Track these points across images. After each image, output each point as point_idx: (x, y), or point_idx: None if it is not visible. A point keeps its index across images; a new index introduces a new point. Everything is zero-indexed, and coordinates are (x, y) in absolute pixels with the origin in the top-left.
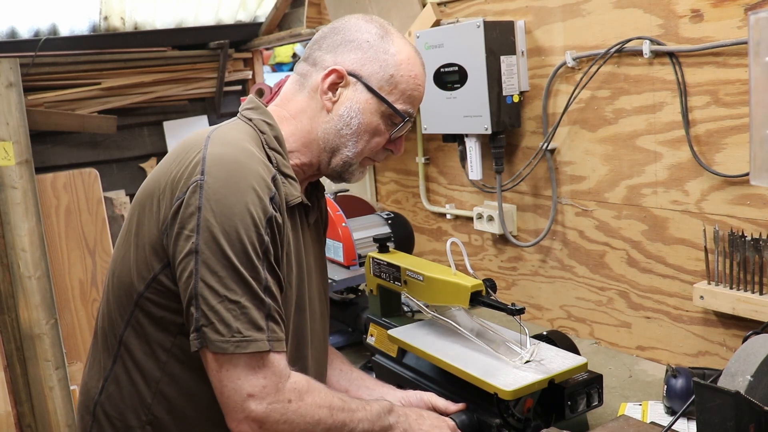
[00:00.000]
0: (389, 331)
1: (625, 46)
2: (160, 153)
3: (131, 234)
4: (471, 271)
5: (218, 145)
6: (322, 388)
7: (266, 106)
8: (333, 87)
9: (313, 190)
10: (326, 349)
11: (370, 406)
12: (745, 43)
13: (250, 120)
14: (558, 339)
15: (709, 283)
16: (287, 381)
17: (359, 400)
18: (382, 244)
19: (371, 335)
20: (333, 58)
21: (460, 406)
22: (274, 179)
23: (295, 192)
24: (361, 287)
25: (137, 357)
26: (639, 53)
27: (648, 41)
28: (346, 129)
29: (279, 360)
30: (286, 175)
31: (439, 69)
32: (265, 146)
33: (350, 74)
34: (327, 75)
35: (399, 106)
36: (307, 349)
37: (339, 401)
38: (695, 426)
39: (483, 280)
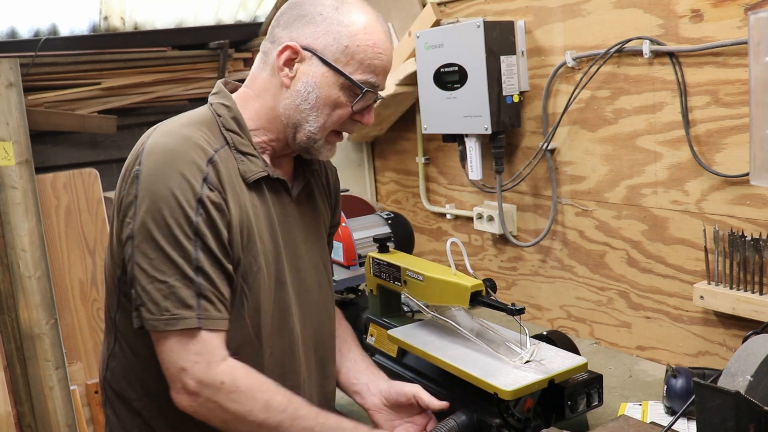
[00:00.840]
0: (389, 331)
1: (625, 46)
2: None
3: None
4: (471, 271)
5: (157, 136)
6: (266, 384)
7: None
8: (289, 63)
9: (302, 166)
10: (328, 319)
11: (326, 420)
12: (745, 43)
13: (211, 105)
14: (558, 339)
15: (709, 283)
16: (221, 362)
17: (318, 411)
18: (382, 244)
19: (371, 335)
20: (288, 34)
21: (443, 404)
22: (211, 160)
23: (255, 168)
24: (361, 287)
25: (127, 335)
26: (639, 53)
27: (648, 41)
28: (304, 104)
29: (212, 338)
30: (245, 153)
31: (439, 69)
32: (222, 128)
33: (305, 49)
34: (281, 52)
35: (357, 77)
36: (293, 321)
37: (283, 402)
38: (695, 426)
39: (483, 280)
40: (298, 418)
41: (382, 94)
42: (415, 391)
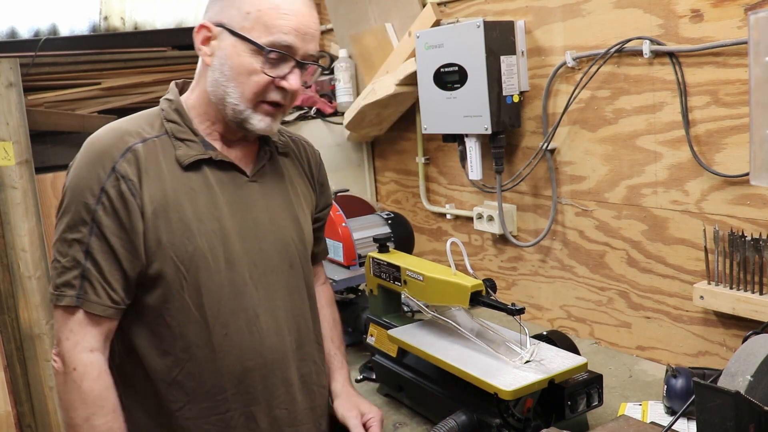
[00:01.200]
0: (389, 331)
1: (625, 46)
2: None
3: None
4: (471, 271)
5: (94, 133)
6: (103, 400)
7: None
8: (206, 42)
9: (264, 147)
10: (301, 300)
11: None
12: (745, 43)
13: (160, 101)
14: (558, 339)
15: (709, 283)
16: (86, 351)
17: None
18: (382, 244)
19: (371, 335)
20: (205, 16)
21: None
22: (131, 149)
23: (191, 152)
24: (361, 287)
25: None
26: (639, 53)
27: (648, 41)
28: (222, 77)
29: (89, 323)
30: (182, 140)
31: (439, 69)
32: (163, 120)
33: (216, 25)
34: (197, 33)
35: (264, 40)
36: (250, 302)
37: (100, 426)
38: (695, 426)
39: (483, 280)
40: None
41: (383, 93)
42: (345, 418)
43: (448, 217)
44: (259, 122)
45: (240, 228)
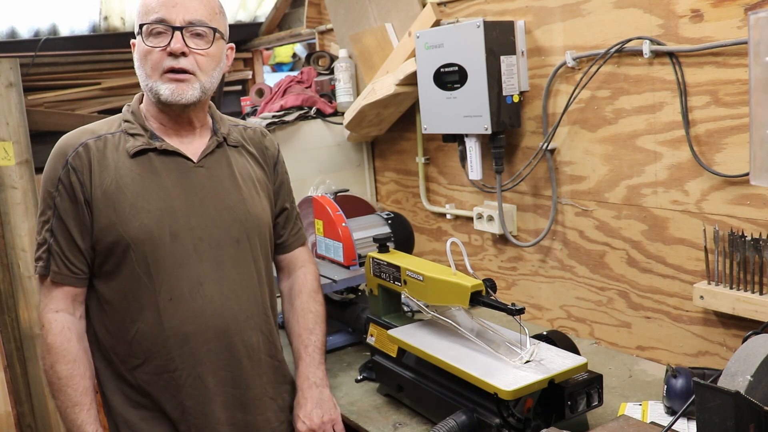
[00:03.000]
0: (389, 331)
1: (625, 46)
2: None
3: None
4: (471, 271)
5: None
6: (64, 350)
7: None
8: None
9: (214, 136)
10: (249, 274)
11: (78, 413)
12: (745, 43)
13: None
14: (558, 339)
15: (709, 283)
16: (51, 312)
17: (85, 404)
18: (382, 244)
19: (371, 335)
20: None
21: None
22: (84, 144)
23: (136, 143)
24: (361, 287)
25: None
26: (639, 53)
27: (648, 41)
28: (138, 70)
29: (55, 289)
30: (132, 134)
31: (439, 69)
32: (122, 121)
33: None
34: (132, 49)
35: (141, 21)
36: (193, 271)
37: (63, 371)
38: (695, 426)
39: (483, 280)
40: (63, 392)
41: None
42: (295, 421)
43: (448, 217)
44: (165, 90)
45: (186, 207)
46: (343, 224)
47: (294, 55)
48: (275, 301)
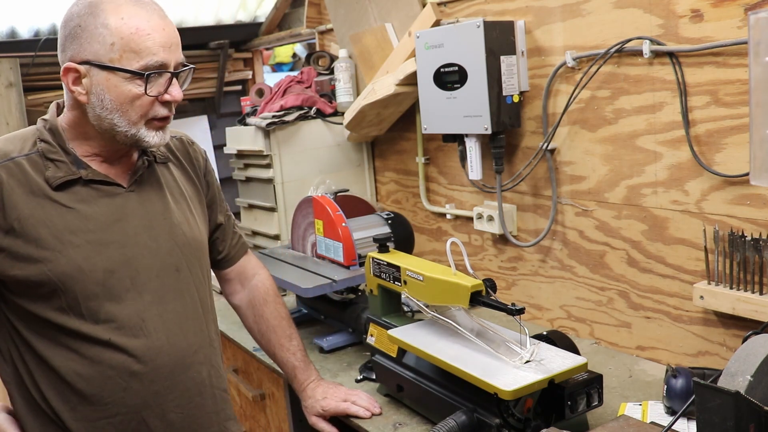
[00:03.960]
0: (389, 331)
1: (625, 46)
2: None
3: None
4: (471, 271)
5: None
6: None
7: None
8: (77, 82)
9: (141, 158)
10: (195, 303)
11: None
12: (745, 43)
13: (37, 121)
14: (558, 339)
15: (709, 283)
16: None
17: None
18: (382, 244)
19: (371, 335)
20: (64, 57)
21: None
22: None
23: (59, 173)
24: (361, 287)
25: None
26: (639, 53)
27: (648, 41)
28: (105, 111)
29: None
30: (52, 160)
31: (439, 69)
32: (37, 140)
33: (82, 63)
34: (64, 76)
35: (136, 65)
36: (130, 307)
37: None
38: (695, 426)
39: (483, 280)
40: None
41: (383, 93)
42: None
43: (448, 217)
44: (153, 138)
45: (119, 237)
46: (343, 224)
47: (294, 55)
48: (218, 327)
